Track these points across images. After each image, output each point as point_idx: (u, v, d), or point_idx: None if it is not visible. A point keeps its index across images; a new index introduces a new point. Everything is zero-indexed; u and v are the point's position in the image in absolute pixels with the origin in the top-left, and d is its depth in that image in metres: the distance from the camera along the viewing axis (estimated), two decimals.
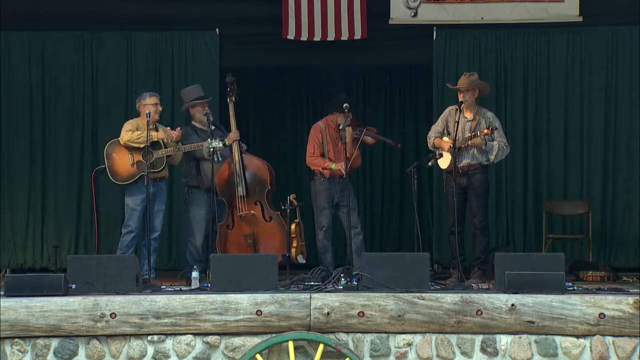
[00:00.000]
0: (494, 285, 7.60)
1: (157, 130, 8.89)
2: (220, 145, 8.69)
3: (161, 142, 8.81)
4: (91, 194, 9.52)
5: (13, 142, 10.63)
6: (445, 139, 8.89)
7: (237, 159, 8.97)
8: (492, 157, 8.87)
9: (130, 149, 8.78)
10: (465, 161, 8.81)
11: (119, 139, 8.83)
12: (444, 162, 8.86)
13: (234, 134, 9.04)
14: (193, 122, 9.15)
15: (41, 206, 10.67)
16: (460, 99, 8.79)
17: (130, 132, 8.78)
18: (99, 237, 10.29)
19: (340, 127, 9.01)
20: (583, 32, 10.57)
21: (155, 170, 8.67)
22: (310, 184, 9.26)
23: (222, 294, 7.12)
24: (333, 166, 9.01)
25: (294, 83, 11.88)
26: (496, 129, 8.76)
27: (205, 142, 8.71)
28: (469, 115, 8.90)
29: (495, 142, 8.82)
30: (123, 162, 8.81)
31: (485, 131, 8.62)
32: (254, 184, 9.00)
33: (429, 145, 9.05)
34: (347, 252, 8.54)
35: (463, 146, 8.76)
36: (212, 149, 8.64)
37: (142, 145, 8.68)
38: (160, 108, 8.91)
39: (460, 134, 8.79)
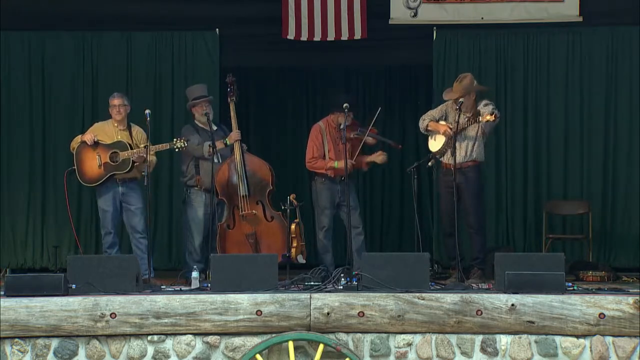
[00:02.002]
0: (494, 285, 7.60)
1: (129, 131, 8.90)
2: (185, 145, 8.69)
3: (127, 144, 8.81)
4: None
5: (13, 142, 10.63)
6: (442, 122, 8.88)
7: (238, 158, 8.98)
8: (487, 114, 8.71)
9: (98, 151, 8.80)
10: (459, 155, 8.74)
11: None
12: (436, 144, 8.84)
13: (235, 134, 9.05)
14: (195, 121, 9.17)
15: (41, 206, 10.66)
16: (461, 103, 8.76)
17: (80, 136, 8.94)
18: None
19: (341, 126, 9.02)
20: (583, 32, 10.57)
21: (121, 172, 8.73)
22: (311, 183, 9.27)
23: (222, 294, 7.12)
24: (336, 164, 9.01)
25: (294, 83, 11.87)
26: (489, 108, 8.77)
27: (170, 142, 8.79)
28: (469, 114, 8.90)
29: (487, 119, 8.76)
30: (90, 164, 8.85)
31: (488, 117, 8.61)
32: (256, 183, 9.01)
33: (421, 127, 9.00)
34: (347, 252, 8.55)
35: (463, 127, 8.73)
36: (176, 149, 8.70)
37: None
38: (121, 110, 8.92)
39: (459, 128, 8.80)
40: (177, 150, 8.78)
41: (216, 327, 7.02)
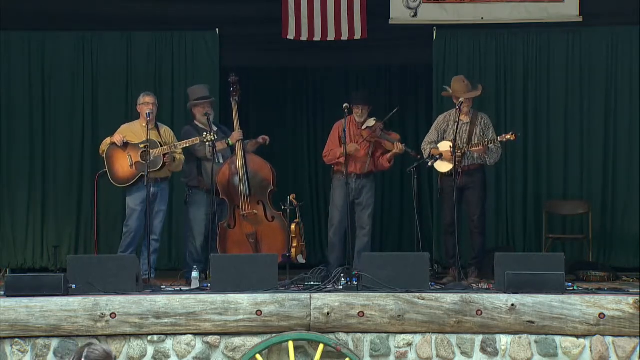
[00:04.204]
0: (494, 285, 7.60)
1: (157, 130, 8.89)
2: (215, 138, 8.67)
3: (158, 142, 8.79)
4: (93, 197, 9.56)
5: (13, 142, 10.62)
6: (442, 144, 8.92)
7: (240, 158, 8.98)
8: (491, 161, 8.99)
9: (128, 150, 8.79)
10: (466, 162, 8.87)
11: None
12: (444, 166, 8.88)
13: (237, 133, 9.05)
14: (195, 122, 9.16)
15: (41, 206, 10.65)
16: (461, 103, 8.76)
17: (110, 138, 8.90)
18: (98, 237, 10.32)
19: (363, 126, 9.06)
20: (583, 32, 10.56)
21: (153, 170, 8.68)
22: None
23: (222, 294, 7.13)
24: (344, 150, 9.06)
25: (294, 83, 11.86)
26: (491, 127, 8.92)
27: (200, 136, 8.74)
28: (465, 118, 8.96)
29: (492, 146, 8.88)
30: (122, 164, 8.81)
31: (508, 137, 8.69)
32: (257, 183, 9.01)
33: (425, 156, 9.09)
34: (347, 252, 8.56)
35: (466, 150, 8.81)
36: (206, 142, 8.65)
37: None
38: (154, 108, 8.87)
39: (459, 137, 8.84)
40: (207, 143, 8.73)
41: (216, 327, 7.02)
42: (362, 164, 9.11)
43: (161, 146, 8.76)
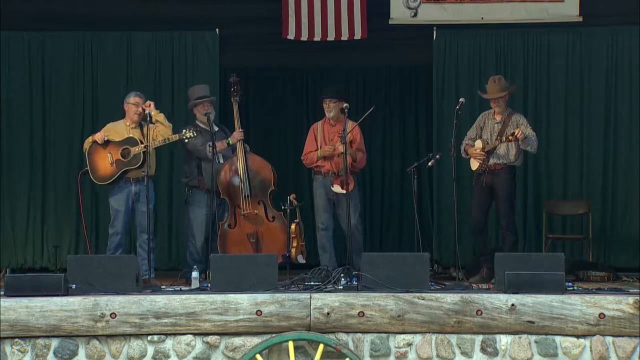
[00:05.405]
0: (494, 285, 7.61)
1: (140, 128, 8.88)
2: (194, 135, 8.67)
3: (138, 140, 8.78)
4: (82, 196, 9.57)
5: (13, 141, 10.63)
6: (477, 142, 9.10)
7: (241, 158, 8.98)
8: (533, 150, 9.09)
9: (109, 149, 8.79)
10: (492, 160, 8.97)
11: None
12: (474, 164, 9.11)
13: (238, 133, 9.05)
14: (196, 121, 9.17)
15: (41, 206, 10.66)
16: (461, 103, 8.78)
17: (92, 136, 8.93)
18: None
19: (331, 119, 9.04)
20: (583, 32, 10.57)
21: (133, 168, 8.68)
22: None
23: (222, 294, 7.13)
24: (319, 153, 9.05)
25: (294, 83, 11.87)
26: (522, 124, 9.03)
27: (178, 133, 8.75)
28: (498, 117, 9.05)
29: (530, 133, 8.98)
30: (103, 163, 8.83)
31: (510, 137, 8.76)
32: (258, 183, 9.01)
33: (462, 152, 9.22)
34: (347, 252, 8.56)
35: (492, 149, 8.97)
36: (186, 140, 8.66)
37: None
38: (139, 109, 8.87)
39: (489, 136, 8.94)
40: (186, 140, 8.74)
41: (216, 327, 7.02)
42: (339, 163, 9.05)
43: (141, 143, 8.75)
